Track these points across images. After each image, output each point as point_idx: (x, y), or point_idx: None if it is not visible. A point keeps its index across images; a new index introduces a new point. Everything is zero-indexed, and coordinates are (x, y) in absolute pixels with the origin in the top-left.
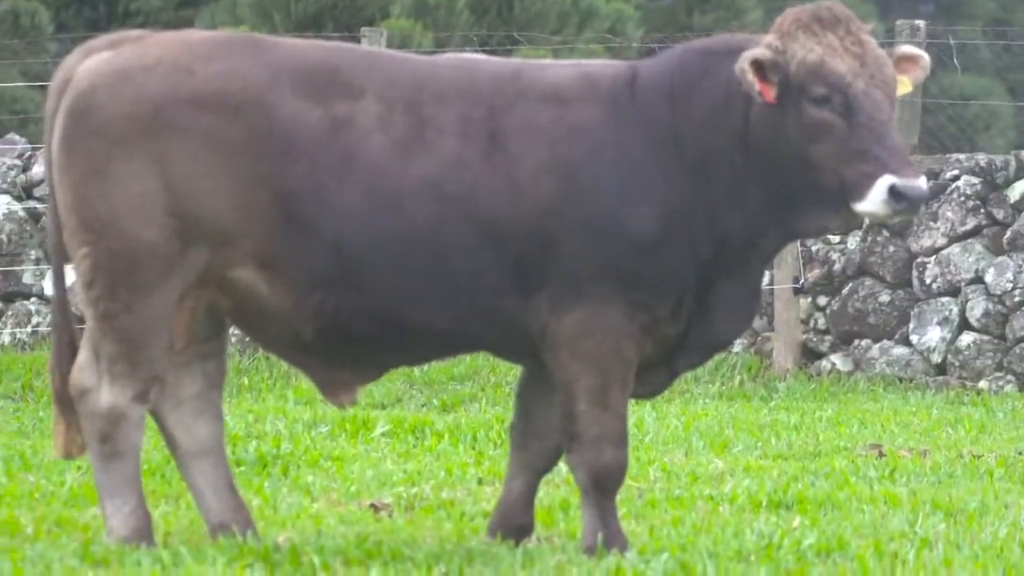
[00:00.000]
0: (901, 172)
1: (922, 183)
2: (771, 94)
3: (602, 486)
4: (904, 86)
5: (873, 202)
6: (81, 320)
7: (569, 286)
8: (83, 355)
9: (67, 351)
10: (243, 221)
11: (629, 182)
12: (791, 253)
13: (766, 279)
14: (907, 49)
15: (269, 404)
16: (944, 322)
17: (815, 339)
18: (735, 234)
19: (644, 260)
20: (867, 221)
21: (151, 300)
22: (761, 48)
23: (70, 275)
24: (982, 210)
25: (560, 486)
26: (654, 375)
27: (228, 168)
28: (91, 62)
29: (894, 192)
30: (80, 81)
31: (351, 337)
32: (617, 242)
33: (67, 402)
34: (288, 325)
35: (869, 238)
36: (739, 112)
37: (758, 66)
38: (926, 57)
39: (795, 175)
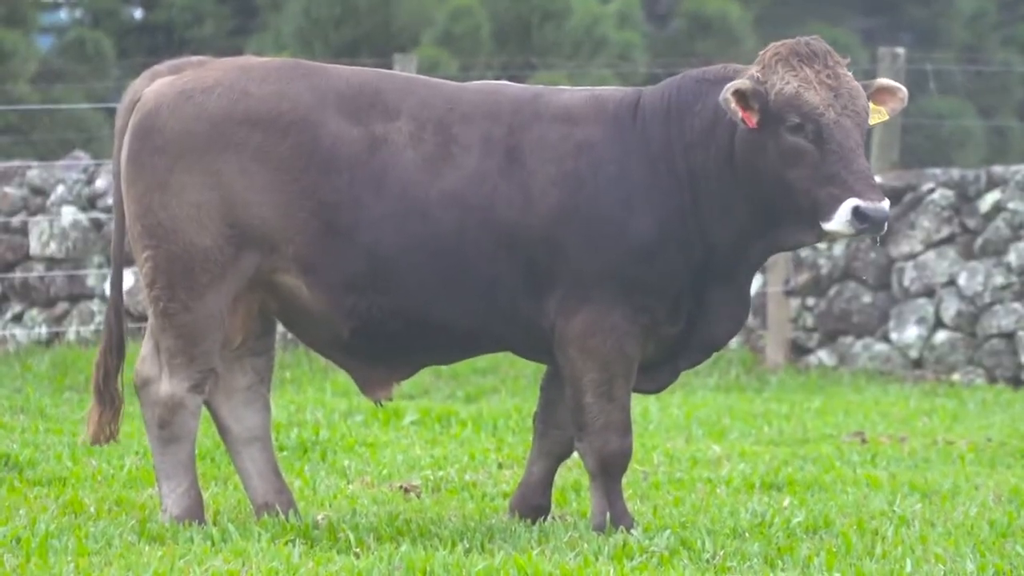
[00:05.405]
0: (865, 195)
1: (884, 205)
2: (753, 121)
3: (608, 470)
4: (880, 115)
5: (839, 222)
6: (137, 318)
7: (576, 289)
8: (146, 348)
9: (115, 349)
10: (288, 230)
11: (629, 194)
12: (782, 258)
13: (760, 282)
14: (886, 82)
15: (309, 395)
16: (921, 321)
17: (804, 336)
18: (723, 243)
19: (643, 265)
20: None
21: (206, 300)
22: (743, 79)
23: (127, 281)
24: (955, 219)
25: (572, 469)
26: (659, 372)
27: (276, 181)
28: (156, 85)
29: (858, 213)
30: (146, 102)
31: (384, 337)
32: (618, 248)
33: (104, 394)
34: (327, 326)
35: (852, 245)
36: (726, 135)
37: (740, 96)
38: (903, 89)
39: (774, 194)
